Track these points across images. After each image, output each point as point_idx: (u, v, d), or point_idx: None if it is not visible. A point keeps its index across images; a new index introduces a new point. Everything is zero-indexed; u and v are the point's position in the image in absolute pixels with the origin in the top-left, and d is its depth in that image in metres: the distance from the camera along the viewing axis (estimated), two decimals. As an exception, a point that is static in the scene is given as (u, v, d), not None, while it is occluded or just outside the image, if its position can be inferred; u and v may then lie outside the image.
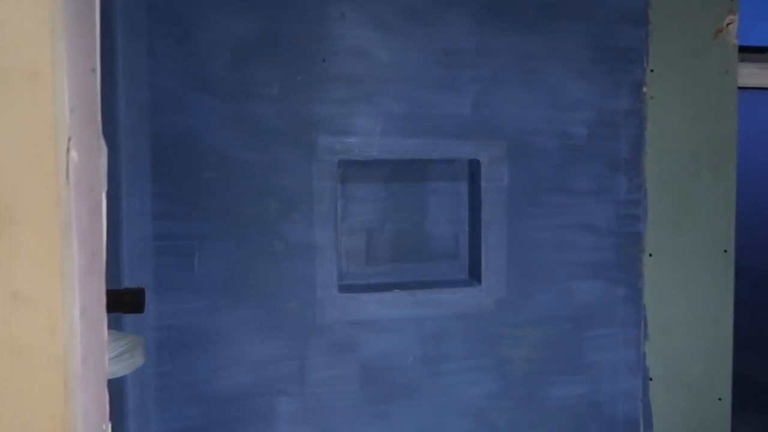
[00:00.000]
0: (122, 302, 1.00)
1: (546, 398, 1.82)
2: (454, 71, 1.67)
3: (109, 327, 0.65)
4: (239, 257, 1.58)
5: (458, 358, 1.75)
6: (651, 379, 1.88)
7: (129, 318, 1.52)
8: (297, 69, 1.58)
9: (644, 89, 1.82)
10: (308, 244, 1.62)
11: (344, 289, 1.67)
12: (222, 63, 1.54)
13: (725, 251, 1.92)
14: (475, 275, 1.77)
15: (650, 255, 1.86)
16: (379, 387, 1.69)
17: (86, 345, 0.44)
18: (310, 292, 1.63)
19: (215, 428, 1.59)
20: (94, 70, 0.54)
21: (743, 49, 2.01)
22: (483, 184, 1.70)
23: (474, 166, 1.73)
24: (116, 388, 1.44)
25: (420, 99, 1.66)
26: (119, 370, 1.03)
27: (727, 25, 1.88)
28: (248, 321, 1.60)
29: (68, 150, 0.44)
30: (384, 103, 1.64)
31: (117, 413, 1.43)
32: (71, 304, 0.42)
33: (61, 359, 0.40)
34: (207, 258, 1.57)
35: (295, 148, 1.59)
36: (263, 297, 1.61)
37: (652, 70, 1.82)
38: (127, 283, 1.52)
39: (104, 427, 0.49)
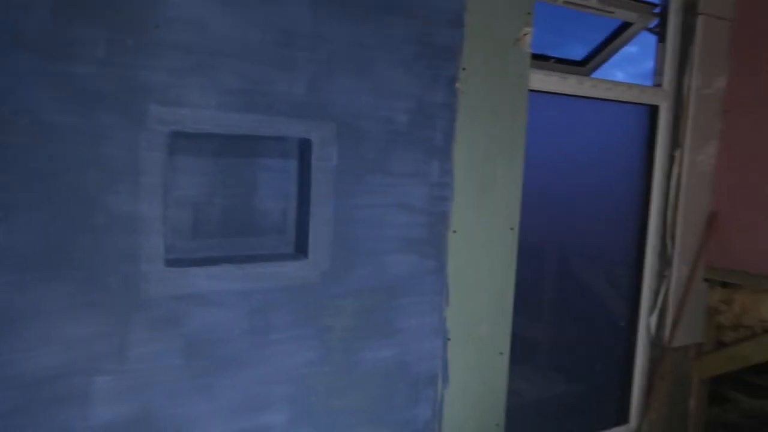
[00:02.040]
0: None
1: (361, 362, 1.98)
2: (290, 51, 1.70)
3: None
4: (53, 229, 1.46)
5: (283, 328, 1.82)
6: (449, 340, 2.15)
7: None
8: (128, 32, 1.48)
9: (457, 85, 2.03)
10: (133, 217, 1.55)
11: (171, 263, 1.63)
12: (40, 16, 1.38)
13: (512, 229, 2.26)
14: (301, 249, 1.85)
15: (454, 232, 2.11)
16: (203, 360, 1.70)
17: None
18: (134, 266, 1.56)
19: (23, 413, 1.47)
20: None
21: (536, 57, 2.34)
22: (313, 163, 1.77)
23: (305, 145, 1.79)
24: None
25: (255, 76, 1.66)
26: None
27: (524, 35, 2.17)
28: (61, 297, 1.49)
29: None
30: (219, 77, 1.61)
31: None
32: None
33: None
34: (15, 230, 1.42)
35: (121, 116, 1.50)
36: (80, 272, 1.50)
37: (464, 68, 2.03)
38: None
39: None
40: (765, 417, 2.92)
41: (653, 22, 2.94)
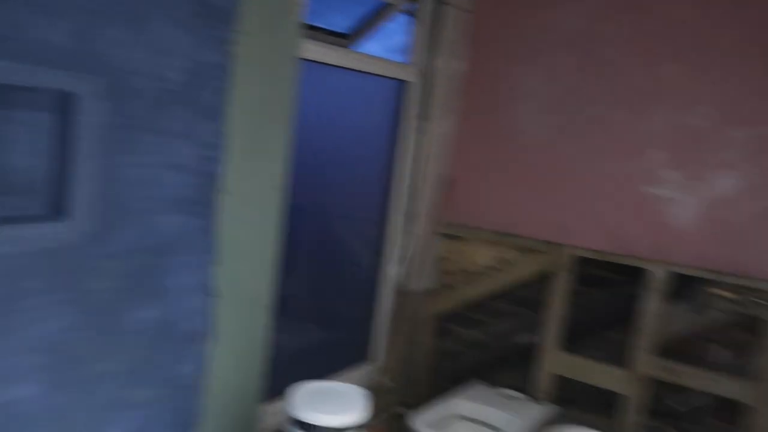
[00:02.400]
0: None
1: (126, 324, 1.94)
2: (54, -4, 1.54)
3: None
4: None
5: (36, 294, 1.69)
6: (218, 297, 2.21)
7: None
8: None
9: (232, 47, 2.04)
10: None
11: None
12: None
13: (279, 190, 2.38)
14: (60, 210, 1.72)
15: (225, 192, 2.15)
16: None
17: None
18: None
19: None
20: None
21: (308, 28, 2.44)
22: (78, 118, 1.64)
23: (68, 99, 1.65)
24: None
25: (12, 19, 1.47)
26: None
27: (297, 4, 2.25)
28: None
29: None
30: (-39, 15, 1.39)
31: None
32: None
33: None
34: None
35: None
36: None
37: (240, 32, 2.04)
38: None
39: None
40: (475, 343, 3.59)
41: (410, 6, 3.25)
